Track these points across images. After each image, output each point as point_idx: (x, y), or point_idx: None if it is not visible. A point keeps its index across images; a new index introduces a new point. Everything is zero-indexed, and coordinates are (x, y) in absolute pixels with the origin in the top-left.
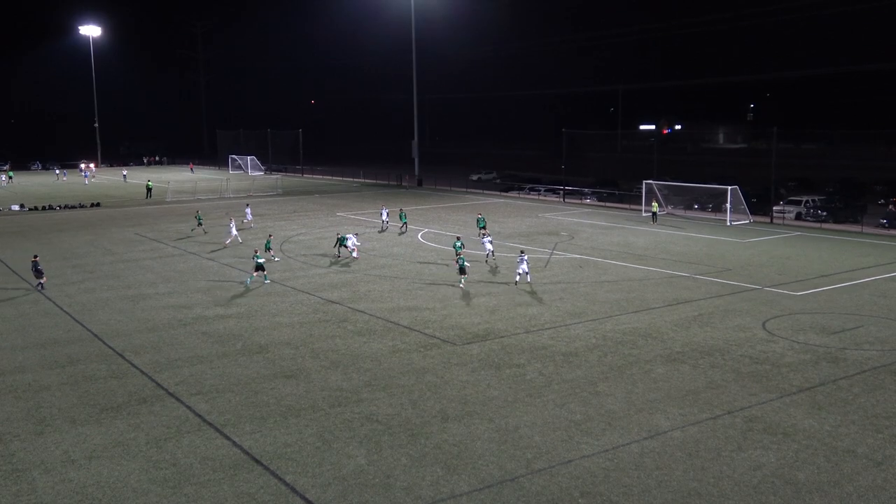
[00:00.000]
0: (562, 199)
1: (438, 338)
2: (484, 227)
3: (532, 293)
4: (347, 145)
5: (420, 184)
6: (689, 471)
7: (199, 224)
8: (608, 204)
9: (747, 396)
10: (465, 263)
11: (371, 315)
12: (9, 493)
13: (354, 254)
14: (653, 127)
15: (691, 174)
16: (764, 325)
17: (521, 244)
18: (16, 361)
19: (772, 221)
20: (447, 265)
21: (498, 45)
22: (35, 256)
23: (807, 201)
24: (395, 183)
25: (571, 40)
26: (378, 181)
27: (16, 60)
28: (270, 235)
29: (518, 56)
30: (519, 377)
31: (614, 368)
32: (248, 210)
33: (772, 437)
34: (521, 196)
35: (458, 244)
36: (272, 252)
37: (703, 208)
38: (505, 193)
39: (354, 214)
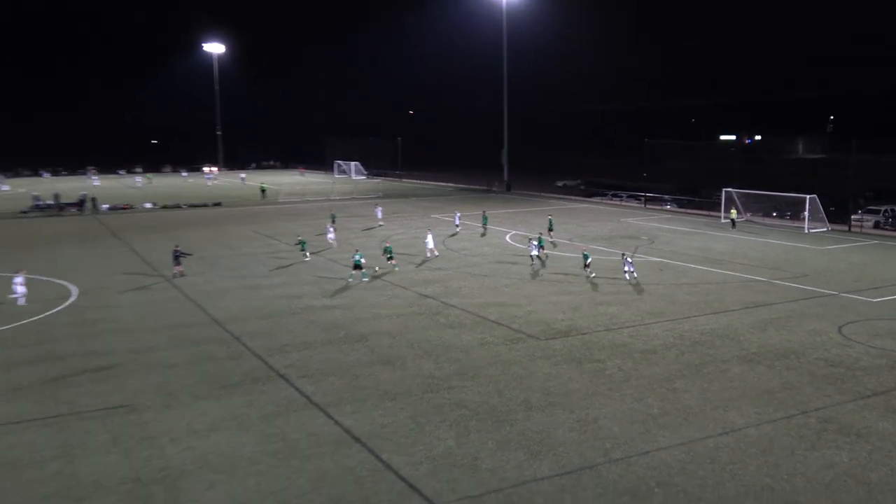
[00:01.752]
0: (643, 205)
1: (524, 332)
2: (552, 230)
3: (605, 295)
4: (442, 153)
5: (509, 189)
6: (762, 467)
7: (333, 221)
8: (688, 210)
9: (822, 398)
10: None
11: (462, 310)
12: (141, 457)
13: (434, 253)
14: (733, 138)
15: (770, 183)
16: (840, 329)
17: (602, 247)
18: (148, 342)
19: (850, 230)
20: (532, 265)
21: (584, 62)
22: (176, 246)
23: (885, 210)
24: (485, 188)
25: (655, 56)
26: (469, 186)
27: (149, 75)
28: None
29: (605, 72)
30: (599, 372)
31: (691, 366)
32: (379, 210)
33: (845, 438)
34: (604, 202)
35: (540, 242)
36: (394, 261)
37: (781, 216)
38: (588, 199)
39: (447, 217)
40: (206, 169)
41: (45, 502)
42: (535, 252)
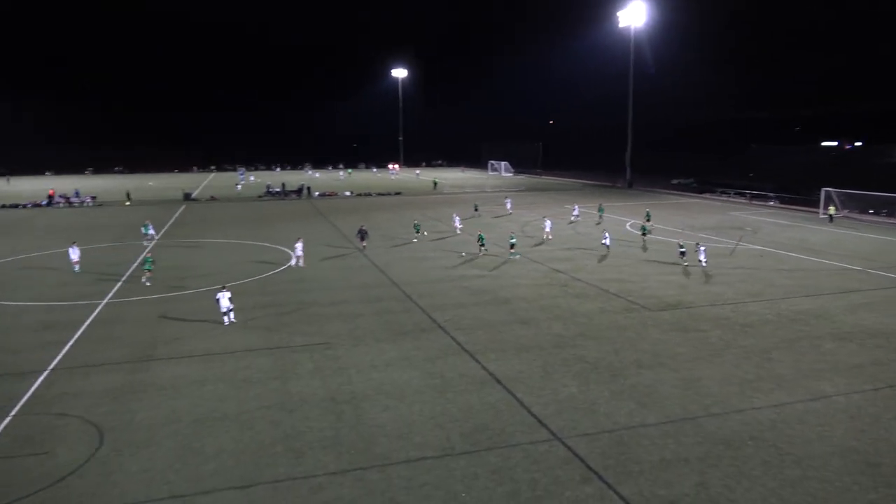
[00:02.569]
0: (748, 201)
1: (638, 304)
2: (649, 220)
3: (710, 276)
4: (575, 155)
5: (630, 185)
6: (849, 431)
7: (476, 210)
8: (790, 206)
9: None
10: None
11: (586, 283)
12: (335, 383)
13: (549, 237)
14: (835, 143)
15: (868, 185)
16: None
17: (711, 236)
18: (343, 296)
19: None
20: (647, 248)
21: (700, 74)
22: (362, 225)
23: None
24: (610, 184)
25: (763, 68)
26: (597, 182)
27: (352, 94)
28: (512, 233)
29: (718, 83)
30: (702, 340)
31: (785, 340)
32: (509, 201)
33: None
34: (714, 198)
35: (644, 230)
36: (485, 248)
37: (877, 213)
38: (700, 195)
39: (583, 207)
40: (390, 166)
41: (267, 410)
42: (702, 256)
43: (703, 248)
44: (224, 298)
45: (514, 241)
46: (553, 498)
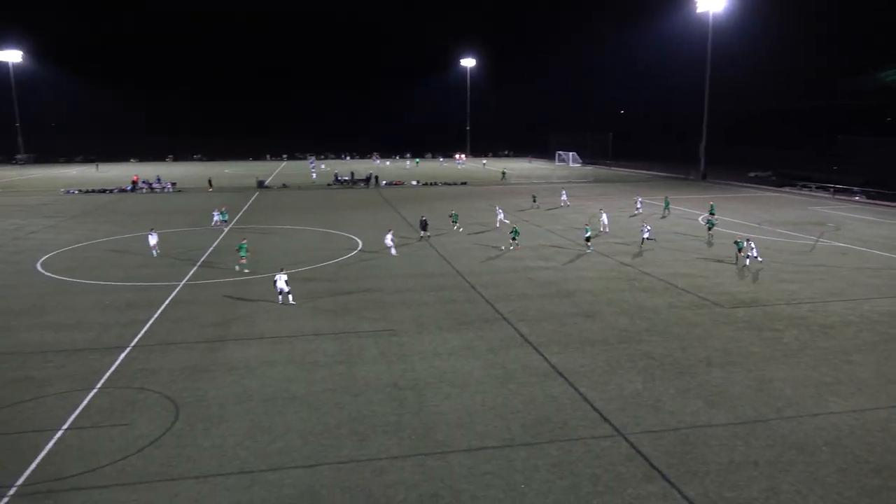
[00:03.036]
0: (831, 195)
1: (709, 300)
2: (713, 213)
3: (760, 273)
4: (646, 146)
5: (704, 177)
6: None
7: (534, 201)
8: (877, 202)
9: None
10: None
11: (655, 277)
12: (399, 369)
13: (606, 229)
14: None
15: None
16: None
17: (790, 231)
18: (408, 284)
19: None
20: (712, 243)
21: (782, 62)
22: (422, 216)
23: None
24: (682, 176)
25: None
26: (668, 175)
27: (421, 84)
28: (587, 224)
29: (802, 70)
30: (777, 339)
31: (868, 343)
32: (564, 193)
33: None
34: (794, 192)
35: (709, 224)
36: (517, 241)
37: None
38: (779, 189)
39: (648, 199)
40: (457, 156)
41: (332, 393)
42: (753, 252)
43: (753, 245)
44: (281, 280)
45: (589, 233)
46: (614, 494)
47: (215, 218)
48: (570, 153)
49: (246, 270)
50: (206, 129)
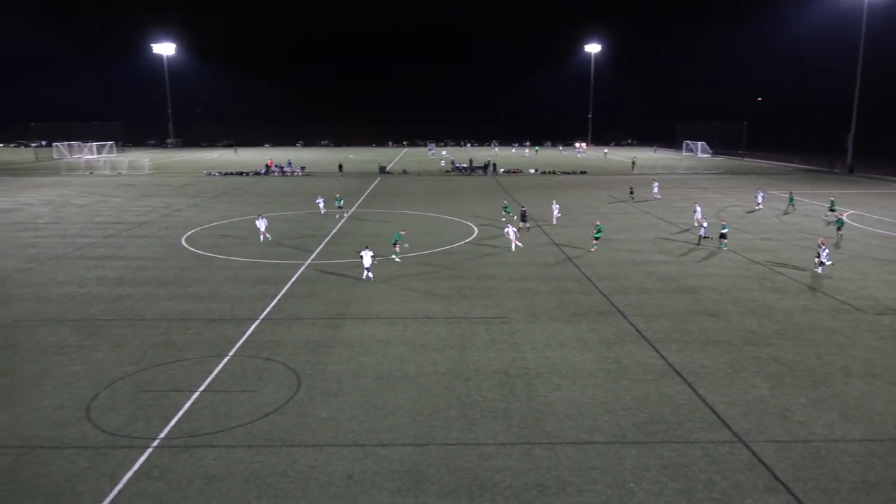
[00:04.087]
0: None
1: (850, 305)
2: (834, 210)
3: (825, 279)
4: (785, 136)
5: (851, 171)
6: None
7: (631, 193)
8: None
9: None
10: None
11: (789, 277)
12: (509, 357)
13: (703, 223)
14: None
15: None
16: None
17: None
18: (522, 273)
19: None
20: (840, 245)
21: None
22: (523, 207)
23: None
24: (826, 169)
25: None
26: (810, 167)
27: (541, 72)
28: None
29: None
30: None
31: None
32: (656, 185)
33: None
34: None
35: (839, 222)
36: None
37: None
38: None
39: (783, 193)
40: (577, 144)
41: (443, 376)
42: (824, 258)
43: (825, 251)
44: (367, 257)
45: (726, 229)
46: (731, 503)
47: (321, 204)
48: (699, 143)
49: (398, 261)
50: (334, 116)
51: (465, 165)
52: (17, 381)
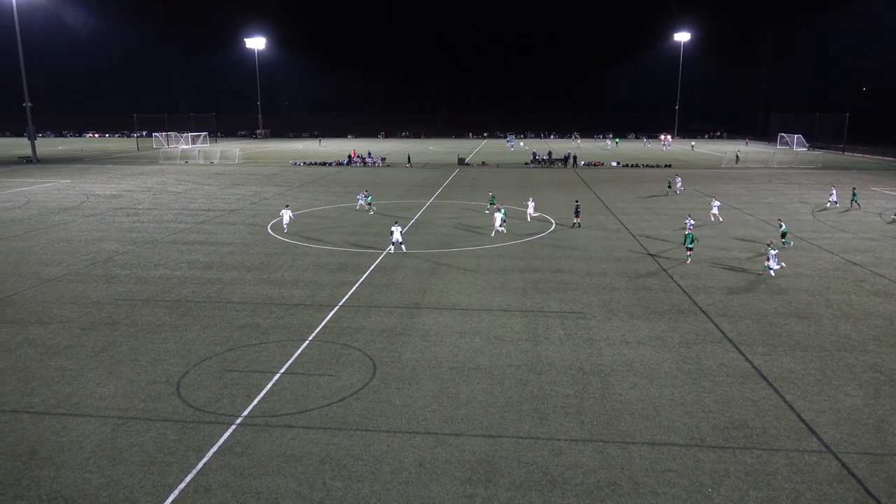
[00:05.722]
0: None
1: None
2: (855, 199)
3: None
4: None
5: None
6: None
7: (670, 186)
8: None
9: None
10: None
11: (890, 280)
12: (584, 353)
13: (719, 219)
14: None
15: None
16: None
17: None
18: (600, 268)
19: None
20: None
21: None
22: (576, 201)
23: None
24: None
25: None
26: None
27: (625, 63)
28: (779, 219)
29: None
30: None
31: None
32: (679, 179)
33: None
34: None
35: None
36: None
37: None
38: None
39: (890, 190)
40: (662, 136)
41: (516, 369)
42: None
43: (773, 252)
44: (396, 232)
45: (784, 228)
46: None
47: (360, 201)
48: (795, 136)
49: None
50: (415, 107)
51: (544, 157)
52: (118, 355)
